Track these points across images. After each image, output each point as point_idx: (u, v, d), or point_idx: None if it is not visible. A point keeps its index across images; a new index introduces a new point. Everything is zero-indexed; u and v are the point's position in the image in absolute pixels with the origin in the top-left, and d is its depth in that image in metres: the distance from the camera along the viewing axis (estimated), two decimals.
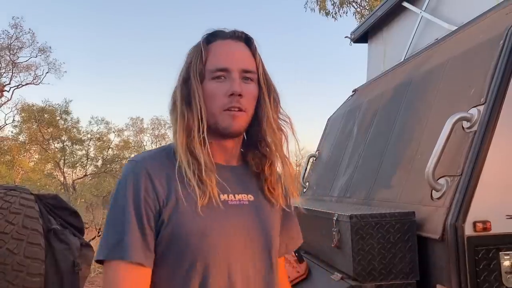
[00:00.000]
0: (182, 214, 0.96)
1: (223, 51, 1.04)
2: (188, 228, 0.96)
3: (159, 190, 0.97)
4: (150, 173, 0.98)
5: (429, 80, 1.96)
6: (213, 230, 0.98)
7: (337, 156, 2.76)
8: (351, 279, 1.51)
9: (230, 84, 1.01)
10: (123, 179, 0.99)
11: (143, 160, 1.01)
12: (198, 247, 0.96)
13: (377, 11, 3.10)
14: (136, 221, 0.94)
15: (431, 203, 1.52)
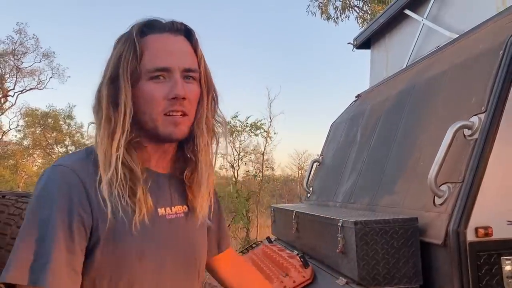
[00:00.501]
0: (117, 234, 0.85)
1: (161, 47, 0.91)
2: (124, 250, 0.86)
3: (93, 202, 0.84)
4: (84, 182, 0.85)
5: (431, 87, 2.00)
6: (150, 253, 0.89)
7: (341, 161, 2.80)
8: (355, 283, 1.55)
9: (171, 86, 0.89)
10: (50, 186, 0.84)
11: (75, 166, 0.86)
12: (134, 271, 0.87)
13: (380, 18, 3.14)
14: (63, 239, 0.80)
15: (434, 209, 1.55)
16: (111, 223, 0.83)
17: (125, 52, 0.89)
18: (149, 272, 0.89)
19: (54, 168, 0.86)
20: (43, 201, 0.82)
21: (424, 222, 1.55)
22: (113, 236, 0.84)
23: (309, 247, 2.15)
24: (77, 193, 0.83)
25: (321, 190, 3.00)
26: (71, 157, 0.92)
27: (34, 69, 16.26)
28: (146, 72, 0.89)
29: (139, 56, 0.89)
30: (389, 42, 3.14)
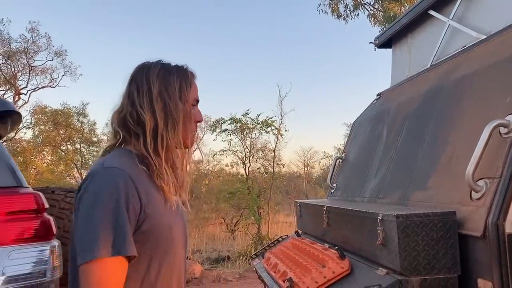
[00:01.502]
0: (157, 213, 1.16)
1: (196, 88, 1.34)
2: (162, 226, 1.17)
3: (141, 195, 1.13)
4: (133, 180, 1.13)
5: (461, 87, 2.07)
6: (175, 224, 1.23)
7: (366, 158, 2.88)
8: (397, 273, 1.63)
9: (198, 112, 1.33)
10: (112, 185, 1.10)
11: (125, 168, 1.15)
12: (168, 240, 1.18)
13: (402, 18, 3.21)
14: (128, 222, 1.08)
15: (471, 203, 1.64)
16: (154, 206, 1.16)
17: (185, 80, 1.30)
18: (176, 241, 1.22)
19: (110, 169, 1.13)
20: (109, 196, 1.08)
21: (462, 216, 1.64)
22: (155, 215, 1.15)
23: (341, 240, 2.23)
24: (131, 188, 1.11)
25: (346, 186, 3.09)
26: (119, 160, 1.19)
27: (46, 67, 16.48)
28: (193, 100, 1.31)
29: (190, 89, 1.31)
30: (412, 42, 3.22)
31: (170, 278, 1.20)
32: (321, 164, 21.94)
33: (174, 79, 1.27)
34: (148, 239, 1.13)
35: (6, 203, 1.87)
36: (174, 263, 1.22)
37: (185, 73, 1.31)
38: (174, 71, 1.29)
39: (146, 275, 1.14)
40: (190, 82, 1.31)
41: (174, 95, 1.25)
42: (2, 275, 1.77)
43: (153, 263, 1.15)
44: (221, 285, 7.10)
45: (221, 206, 13.07)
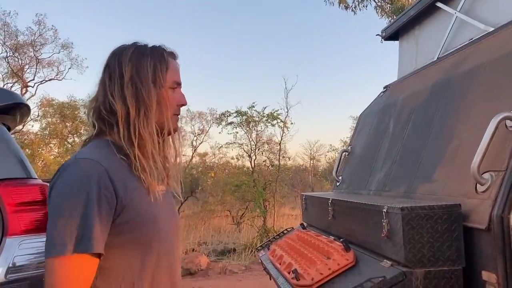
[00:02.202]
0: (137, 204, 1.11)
1: (176, 68, 1.26)
2: (144, 216, 1.12)
3: (117, 186, 1.07)
4: (108, 171, 1.07)
5: (468, 79, 2.07)
6: (160, 216, 1.17)
7: (372, 151, 2.89)
8: (401, 265, 1.65)
9: (181, 96, 1.25)
10: (83, 176, 1.04)
11: (99, 158, 1.09)
12: (152, 231, 1.13)
13: (410, 10, 3.19)
14: (99, 216, 1.02)
15: (476, 196, 1.64)
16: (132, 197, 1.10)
17: (160, 63, 1.21)
18: (161, 233, 1.16)
19: (82, 160, 1.08)
20: (78, 188, 1.03)
21: (467, 208, 1.64)
22: (135, 207, 1.10)
23: (346, 232, 2.25)
24: (104, 179, 1.06)
25: (352, 179, 3.10)
26: (92, 150, 1.14)
27: (53, 60, 16.56)
28: (170, 83, 1.22)
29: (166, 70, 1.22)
30: (419, 34, 3.20)
31: (158, 270, 1.15)
32: (327, 157, 21.92)
33: (147, 62, 1.19)
34: (128, 231, 1.09)
35: (16, 194, 1.91)
36: (162, 255, 1.16)
37: (160, 54, 1.22)
38: (148, 53, 1.20)
39: (129, 268, 1.09)
40: (166, 63, 1.22)
41: (146, 80, 1.17)
42: (12, 264, 1.80)
43: (135, 255, 1.10)
44: (227, 277, 7.15)
45: (227, 199, 13.11)
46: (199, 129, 16.47)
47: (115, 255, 1.08)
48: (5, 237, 1.85)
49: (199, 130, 16.46)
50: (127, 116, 1.15)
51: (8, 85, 16.07)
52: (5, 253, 1.82)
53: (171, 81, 1.22)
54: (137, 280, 1.10)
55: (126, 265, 1.09)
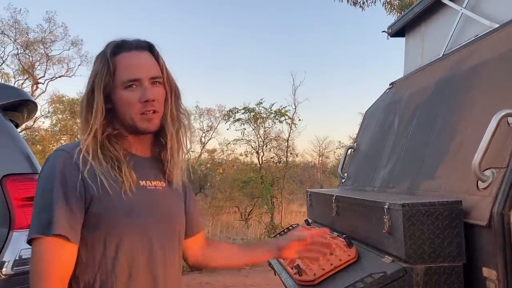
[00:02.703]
0: (109, 196, 1.12)
1: (131, 63, 1.18)
2: (114, 210, 1.12)
3: (85, 177, 1.10)
4: (77, 162, 1.11)
5: (472, 76, 2.06)
6: (137, 209, 1.16)
7: (377, 147, 2.89)
8: (402, 261, 1.65)
9: (142, 92, 1.17)
10: (52, 166, 1.11)
11: (71, 150, 1.13)
12: (125, 224, 1.13)
13: (415, 7, 3.18)
14: (63, 202, 1.07)
15: (477, 193, 1.64)
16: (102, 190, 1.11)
17: (100, 70, 1.17)
18: (136, 226, 1.15)
19: (55, 152, 1.15)
20: (48, 177, 1.11)
21: (468, 205, 1.64)
22: (106, 198, 1.11)
23: (350, 229, 2.26)
24: (70, 169, 1.10)
25: (357, 176, 3.10)
26: (70, 145, 1.20)
27: (63, 57, 16.70)
28: (121, 83, 1.17)
29: (112, 72, 1.17)
30: (425, 31, 3.19)
31: (135, 265, 1.14)
32: (336, 154, 21.85)
33: (92, 72, 1.21)
34: (100, 223, 1.11)
35: (23, 189, 1.95)
36: (141, 251, 1.15)
37: (101, 60, 1.20)
38: (95, 61, 1.22)
39: (103, 259, 1.11)
40: (110, 67, 1.17)
41: (86, 91, 1.20)
42: (19, 257, 1.85)
43: (109, 248, 1.12)
44: (234, 272, 7.20)
45: (235, 195, 13.16)
46: (208, 126, 16.53)
47: (90, 245, 1.11)
48: (12, 231, 1.90)
49: (207, 126, 16.53)
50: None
51: (19, 82, 16.26)
52: (12, 246, 1.86)
53: (123, 81, 1.18)
54: (111, 272, 1.12)
55: (100, 255, 1.12)
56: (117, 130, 1.21)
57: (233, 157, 15.35)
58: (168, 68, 1.26)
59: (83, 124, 1.19)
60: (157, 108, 1.20)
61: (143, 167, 1.23)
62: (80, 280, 1.11)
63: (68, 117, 16.24)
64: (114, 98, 1.19)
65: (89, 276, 1.11)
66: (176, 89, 1.28)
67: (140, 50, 1.22)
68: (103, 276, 1.11)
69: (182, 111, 1.30)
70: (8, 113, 2.23)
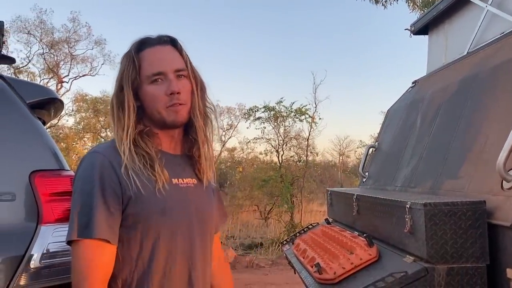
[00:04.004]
0: (143, 196, 1.13)
1: (155, 58, 1.20)
2: (150, 207, 1.13)
3: (121, 177, 1.12)
4: (113, 163, 1.13)
5: (497, 75, 2.03)
6: (171, 208, 1.17)
7: (399, 147, 2.86)
8: (423, 261, 1.64)
9: (168, 84, 1.18)
10: (89, 168, 1.13)
11: (105, 152, 1.15)
12: (160, 223, 1.15)
13: (440, 4, 3.14)
14: (102, 204, 1.08)
15: (502, 193, 1.62)
16: (137, 190, 1.12)
17: (126, 67, 1.19)
18: (170, 224, 1.17)
19: (91, 154, 1.17)
20: (85, 179, 1.12)
21: (492, 205, 1.62)
22: (141, 198, 1.13)
23: (370, 228, 2.25)
24: (108, 171, 1.12)
25: (378, 175, 3.08)
26: (102, 146, 1.22)
27: (86, 56, 16.99)
28: (146, 78, 1.19)
29: (138, 68, 1.19)
30: (448, 28, 3.14)
31: (171, 263, 1.17)
32: (356, 153, 21.71)
33: (120, 70, 1.22)
34: (136, 223, 1.13)
35: (50, 185, 2.01)
36: (174, 248, 1.18)
37: (127, 57, 1.21)
38: (122, 59, 1.23)
39: (139, 259, 1.13)
40: (134, 63, 1.19)
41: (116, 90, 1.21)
42: (46, 251, 1.90)
43: (145, 247, 1.14)
44: (253, 270, 7.22)
45: (255, 194, 13.18)
46: (228, 124, 16.60)
47: (126, 244, 1.13)
48: (40, 225, 1.95)
49: (227, 125, 16.59)
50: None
51: (44, 80, 16.61)
52: (40, 240, 1.92)
53: (147, 76, 1.19)
54: (147, 270, 1.14)
55: (136, 254, 1.14)
56: (148, 127, 1.21)
57: (253, 155, 15.39)
58: (192, 62, 1.27)
59: (115, 123, 1.19)
60: (183, 100, 1.20)
61: (174, 164, 1.24)
62: (118, 279, 1.13)
63: (91, 115, 16.51)
64: (141, 94, 1.20)
65: (126, 274, 1.13)
66: (202, 83, 1.28)
67: (163, 44, 1.23)
68: (140, 274, 1.14)
69: (208, 105, 1.30)
70: (36, 111, 2.29)
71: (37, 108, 2.33)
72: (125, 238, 1.13)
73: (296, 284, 5.94)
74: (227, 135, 16.50)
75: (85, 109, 16.63)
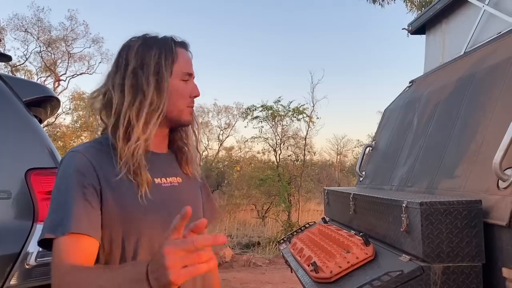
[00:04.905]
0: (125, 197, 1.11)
1: (187, 59, 1.24)
2: (132, 209, 1.11)
3: (101, 178, 1.09)
4: (91, 162, 1.10)
5: (493, 74, 2.03)
6: (152, 209, 1.14)
7: (396, 146, 2.86)
8: (419, 260, 1.64)
9: (193, 87, 1.24)
10: (66, 167, 1.10)
11: (85, 150, 1.13)
12: (141, 225, 1.12)
13: (437, 4, 3.14)
14: (79, 201, 1.04)
15: (498, 192, 1.62)
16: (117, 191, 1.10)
17: (166, 55, 1.18)
18: (153, 225, 1.14)
19: (71, 153, 1.13)
20: (64, 177, 1.10)
21: (488, 205, 1.62)
22: (122, 199, 1.10)
23: (367, 227, 2.25)
24: (87, 169, 1.09)
25: (375, 174, 3.08)
26: (86, 144, 1.19)
27: (84, 54, 16.95)
28: (181, 74, 1.21)
29: (174, 61, 1.20)
30: (446, 28, 3.14)
31: None
32: (354, 152, 21.76)
33: (152, 54, 1.17)
34: (115, 223, 1.10)
35: (46, 183, 2.01)
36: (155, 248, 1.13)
37: (167, 45, 1.20)
38: (153, 44, 1.19)
39: (122, 260, 1.11)
40: (173, 54, 1.20)
41: (148, 70, 1.16)
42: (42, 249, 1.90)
43: (127, 247, 1.11)
44: (250, 269, 7.23)
45: (253, 193, 13.20)
46: (226, 123, 16.60)
47: (107, 247, 1.10)
48: (35, 223, 1.95)
49: (225, 124, 16.60)
50: (120, 106, 1.15)
51: (41, 79, 16.56)
52: (36, 238, 1.92)
53: (182, 73, 1.21)
54: None
55: (119, 257, 1.11)
56: None
57: (250, 154, 15.41)
58: None
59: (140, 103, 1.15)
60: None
61: (159, 163, 1.23)
62: None
63: (89, 113, 16.46)
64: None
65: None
66: None
67: (188, 50, 1.28)
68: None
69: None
70: (32, 109, 2.29)
71: (33, 106, 2.32)
72: (105, 241, 1.10)
73: (293, 283, 5.95)
74: (224, 134, 16.50)
75: (83, 108, 16.59)
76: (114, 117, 1.15)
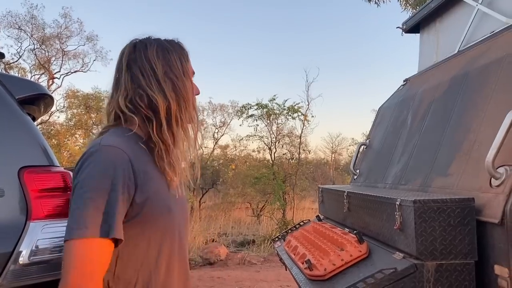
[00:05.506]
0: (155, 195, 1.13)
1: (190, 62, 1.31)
2: (160, 207, 1.14)
3: (137, 176, 1.09)
4: (131, 160, 1.08)
5: (486, 73, 2.04)
6: (173, 206, 1.19)
7: (390, 144, 2.88)
8: (413, 258, 1.65)
9: (196, 86, 1.30)
10: (108, 163, 1.05)
11: (122, 146, 1.09)
12: (167, 221, 1.16)
13: (431, 2, 3.15)
14: (122, 203, 1.03)
15: (490, 190, 1.63)
16: (153, 188, 1.13)
17: (184, 56, 1.27)
18: (173, 224, 1.18)
19: (107, 147, 1.08)
20: (105, 174, 1.04)
21: (480, 202, 1.64)
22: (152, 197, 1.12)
23: (361, 225, 2.26)
24: (127, 167, 1.07)
25: (369, 172, 3.09)
26: (115, 139, 1.12)
27: (78, 52, 16.83)
28: (192, 74, 1.29)
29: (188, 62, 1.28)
30: (440, 27, 3.16)
31: (172, 260, 1.18)
32: (348, 151, 21.82)
33: (174, 57, 1.23)
34: (145, 220, 1.10)
35: (39, 181, 2.00)
36: (175, 246, 1.19)
37: (181, 48, 1.28)
38: (171, 48, 1.24)
39: (146, 257, 1.11)
40: (187, 56, 1.28)
41: (179, 73, 1.22)
42: (35, 247, 1.89)
43: (152, 245, 1.12)
44: (245, 267, 7.23)
45: (248, 191, 13.20)
46: (221, 122, 16.59)
47: (133, 243, 1.09)
48: (29, 221, 1.94)
49: (220, 122, 16.59)
50: (168, 110, 1.18)
51: (35, 76, 16.45)
52: (29, 236, 1.91)
53: (192, 73, 1.29)
54: (153, 269, 1.13)
55: (143, 253, 1.11)
56: None
57: (245, 153, 15.39)
58: None
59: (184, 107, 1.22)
60: None
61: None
62: (121, 279, 1.09)
63: (83, 112, 16.39)
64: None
65: (130, 274, 1.10)
66: None
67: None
68: (145, 274, 1.12)
69: None
70: (25, 106, 2.27)
71: (26, 104, 2.31)
72: (131, 237, 1.08)
73: (288, 281, 5.97)
74: (219, 132, 16.49)
75: (77, 106, 16.51)
76: (163, 120, 1.18)
